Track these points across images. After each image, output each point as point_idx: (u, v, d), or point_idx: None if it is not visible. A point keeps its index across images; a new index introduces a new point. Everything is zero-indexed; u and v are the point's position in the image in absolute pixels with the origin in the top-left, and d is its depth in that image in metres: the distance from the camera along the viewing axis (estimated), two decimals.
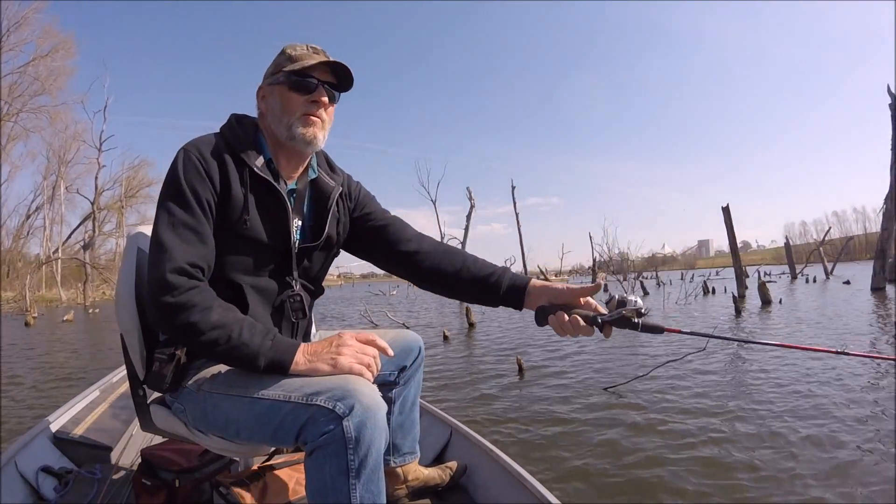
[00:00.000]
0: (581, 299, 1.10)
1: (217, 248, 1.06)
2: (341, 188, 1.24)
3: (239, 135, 1.13)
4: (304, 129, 1.11)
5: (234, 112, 1.20)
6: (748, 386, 4.05)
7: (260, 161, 1.12)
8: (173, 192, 1.02)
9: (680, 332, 1.10)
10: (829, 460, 2.52)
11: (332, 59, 1.13)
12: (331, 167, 1.28)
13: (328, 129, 1.17)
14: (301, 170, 1.20)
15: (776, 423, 3.11)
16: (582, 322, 1.07)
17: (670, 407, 3.55)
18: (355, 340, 1.01)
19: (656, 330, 1.04)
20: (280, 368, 0.97)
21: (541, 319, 1.12)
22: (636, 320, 1.02)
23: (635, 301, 1.03)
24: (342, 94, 1.20)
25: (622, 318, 1.03)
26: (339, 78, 1.17)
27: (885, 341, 6.02)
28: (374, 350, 1.02)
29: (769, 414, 3.30)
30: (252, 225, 1.08)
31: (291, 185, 1.18)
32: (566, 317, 1.07)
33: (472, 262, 1.24)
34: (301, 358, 0.97)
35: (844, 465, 2.45)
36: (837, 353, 1.10)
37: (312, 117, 1.12)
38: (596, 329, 1.07)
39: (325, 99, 1.14)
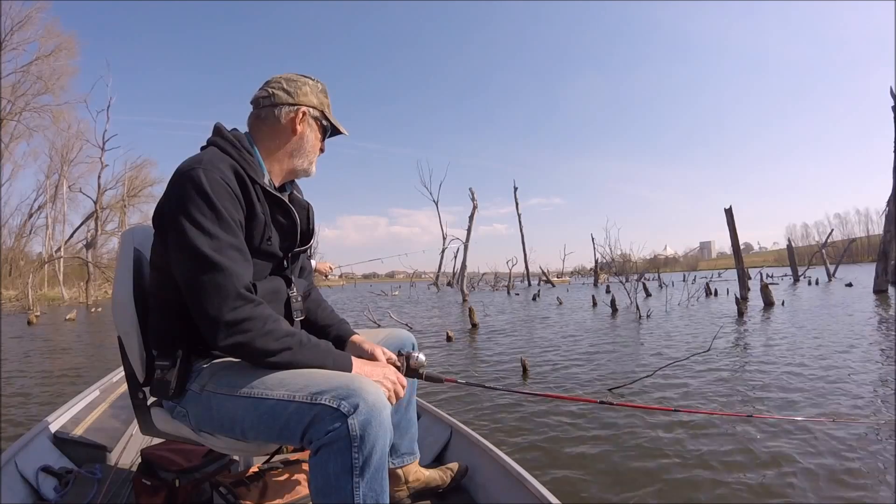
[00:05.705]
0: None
1: None
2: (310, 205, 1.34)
3: (243, 152, 1.16)
4: (314, 168, 1.29)
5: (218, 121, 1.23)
6: (750, 386, 4.04)
7: (267, 178, 1.18)
8: (210, 213, 1.01)
9: (456, 381, 1.38)
10: (840, 461, 2.51)
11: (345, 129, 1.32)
12: (295, 186, 1.36)
13: None
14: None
15: (778, 421, 3.09)
16: None
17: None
18: (398, 376, 1.14)
19: (437, 380, 1.30)
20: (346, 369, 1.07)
21: None
22: (421, 371, 1.27)
23: (417, 357, 1.28)
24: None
25: (410, 369, 1.27)
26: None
27: (886, 342, 5.98)
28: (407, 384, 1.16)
29: (774, 411, 3.27)
30: (273, 240, 1.15)
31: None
32: None
33: (322, 311, 1.39)
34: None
35: (853, 469, 2.44)
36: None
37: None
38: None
39: None
